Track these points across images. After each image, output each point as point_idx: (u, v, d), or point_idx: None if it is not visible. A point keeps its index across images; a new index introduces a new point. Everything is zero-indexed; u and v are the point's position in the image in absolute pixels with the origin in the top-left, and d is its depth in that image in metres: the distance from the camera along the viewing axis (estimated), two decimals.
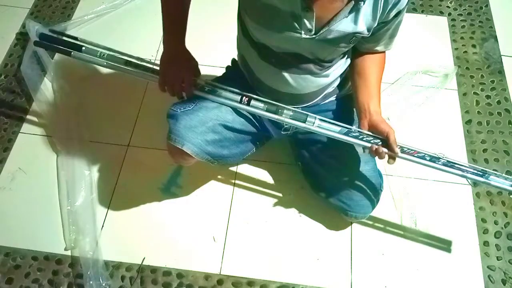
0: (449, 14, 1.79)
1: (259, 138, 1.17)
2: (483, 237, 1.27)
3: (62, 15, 1.73)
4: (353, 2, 0.79)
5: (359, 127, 0.98)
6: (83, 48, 1.08)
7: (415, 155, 0.96)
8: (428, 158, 0.96)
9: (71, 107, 1.46)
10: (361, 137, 0.95)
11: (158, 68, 1.00)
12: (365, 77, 0.99)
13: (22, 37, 1.66)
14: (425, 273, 1.21)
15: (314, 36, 0.84)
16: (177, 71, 0.96)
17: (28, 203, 1.30)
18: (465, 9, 1.80)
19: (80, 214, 1.25)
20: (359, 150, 1.12)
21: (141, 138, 1.42)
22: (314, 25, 0.82)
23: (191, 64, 1.00)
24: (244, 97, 0.99)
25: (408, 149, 0.96)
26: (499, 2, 1.82)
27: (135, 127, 1.45)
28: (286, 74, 0.98)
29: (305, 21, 0.82)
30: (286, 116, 0.97)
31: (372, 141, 0.95)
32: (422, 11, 1.79)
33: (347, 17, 0.81)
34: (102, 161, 1.37)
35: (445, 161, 0.97)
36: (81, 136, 1.39)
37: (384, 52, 1.02)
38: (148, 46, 1.63)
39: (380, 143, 0.94)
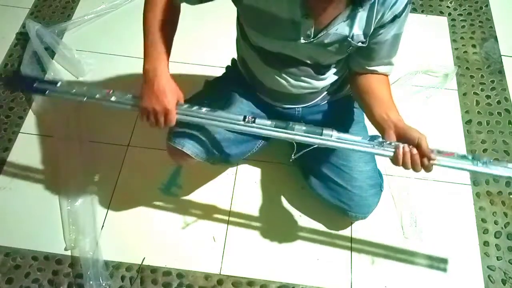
0: (449, 14, 1.79)
1: (259, 138, 1.17)
2: (483, 237, 1.27)
3: (62, 15, 1.73)
4: (350, 7, 0.79)
5: (383, 139, 0.86)
6: (58, 84, 0.92)
7: (453, 157, 0.83)
8: (470, 158, 0.83)
9: (71, 107, 1.46)
10: (386, 145, 0.83)
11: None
12: (375, 94, 0.93)
13: (22, 37, 1.66)
14: (425, 273, 1.21)
15: (312, 40, 0.84)
16: (161, 104, 0.85)
17: (28, 203, 1.30)
18: (465, 9, 1.80)
19: (80, 214, 1.25)
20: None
21: (141, 138, 1.42)
22: (313, 31, 0.83)
23: (176, 94, 0.89)
24: (248, 116, 0.87)
25: (446, 152, 0.83)
26: (499, 2, 1.82)
27: (135, 127, 1.45)
28: (285, 76, 0.98)
29: (304, 27, 0.82)
30: (299, 132, 0.85)
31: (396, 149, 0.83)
32: (422, 11, 1.79)
33: (344, 21, 0.81)
34: (102, 161, 1.37)
35: (489, 160, 0.83)
36: (81, 136, 1.39)
37: (385, 75, 0.98)
38: None
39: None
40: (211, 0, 0.89)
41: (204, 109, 0.88)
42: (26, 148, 1.40)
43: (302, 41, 0.85)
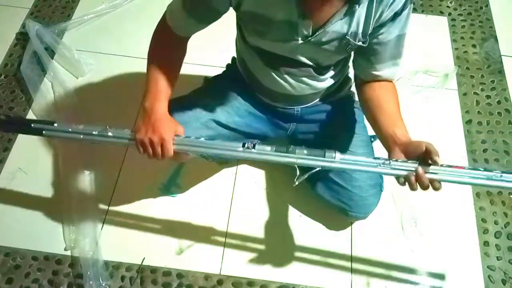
0: (449, 14, 1.79)
1: (256, 137, 1.17)
2: (483, 237, 1.27)
3: (62, 15, 1.73)
4: (347, 4, 0.79)
5: (390, 157, 0.83)
6: (55, 124, 0.91)
7: (463, 170, 0.77)
8: (482, 169, 0.77)
9: (71, 107, 1.46)
10: (393, 166, 0.78)
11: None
12: (383, 108, 0.92)
13: (22, 37, 1.66)
14: (425, 273, 1.21)
15: (309, 39, 0.84)
16: (157, 134, 0.84)
17: (28, 203, 1.30)
18: (465, 9, 1.80)
19: (80, 214, 1.25)
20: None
21: None
22: (310, 30, 0.83)
23: (174, 126, 0.87)
24: (247, 143, 0.84)
25: (456, 166, 0.78)
26: (499, 2, 1.82)
27: (135, 127, 1.44)
28: (285, 77, 0.98)
29: (302, 28, 0.82)
30: (300, 155, 0.83)
31: (407, 168, 0.77)
32: (422, 11, 1.79)
33: (342, 19, 0.81)
34: (102, 161, 1.37)
35: (503, 171, 0.77)
36: None
37: (391, 81, 0.97)
38: (147, 46, 1.62)
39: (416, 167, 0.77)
40: (217, 19, 0.90)
41: (202, 139, 0.86)
42: (26, 148, 1.40)
43: (300, 41, 0.85)
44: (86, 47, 1.63)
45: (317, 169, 0.83)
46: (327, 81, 1.02)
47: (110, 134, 0.88)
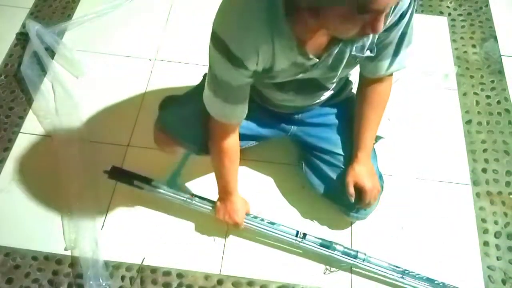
0: (449, 14, 1.79)
1: (252, 138, 1.17)
2: (483, 237, 1.27)
3: (62, 15, 1.73)
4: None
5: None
6: (153, 182, 1.20)
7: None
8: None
9: (71, 107, 1.46)
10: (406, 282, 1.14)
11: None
12: (362, 127, 1.06)
13: (22, 37, 1.66)
14: (425, 273, 1.20)
15: (317, 66, 0.83)
16: (233, 220, 1.13)
17: (28, 203, 1.30)
18: (465, 9, 1.80)
19: (80, 214, 1.25)
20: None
21: (141, 138, 1.42)
22: (316, 61, 0.81)
23: (244, 207, 1.16)
24: (299, 232, 1.15)
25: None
26: (499, 2, 1.82)
27: (135, 127, 1.45)
28: (291, 93, 0.98)
29: (308, 64, 0.82)
30: (338, 252, 1.14)
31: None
32: (422, 11, 1.79)
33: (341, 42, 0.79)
34: (102, 161, 1.37)
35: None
36: (81, 136, 1.39)
37: (390, 82, 1.01)
38: (147, 46, 1.63)
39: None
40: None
41: (266, 221, 1.17)
42: (26, 148, 1.40)
43: (308, 70, 0.84)
44: (86, 47, 1.63)
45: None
46: (330, 91, 1.03)
47: (194, 202, 1.18)
